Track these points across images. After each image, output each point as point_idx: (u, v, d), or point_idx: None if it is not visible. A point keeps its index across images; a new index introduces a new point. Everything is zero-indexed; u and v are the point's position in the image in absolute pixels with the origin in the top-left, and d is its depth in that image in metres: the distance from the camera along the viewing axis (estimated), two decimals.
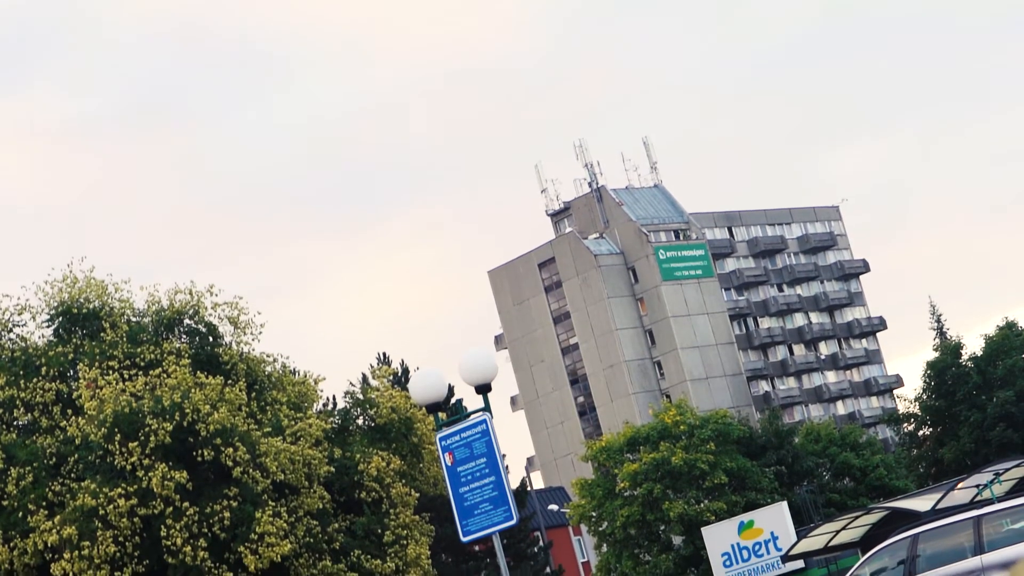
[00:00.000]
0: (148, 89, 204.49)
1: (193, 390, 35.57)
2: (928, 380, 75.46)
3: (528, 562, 65.94)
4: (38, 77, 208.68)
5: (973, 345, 76.91)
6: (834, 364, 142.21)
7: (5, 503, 35.52)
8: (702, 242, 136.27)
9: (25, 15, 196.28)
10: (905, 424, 78.58)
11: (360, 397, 41.73)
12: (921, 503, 45.93)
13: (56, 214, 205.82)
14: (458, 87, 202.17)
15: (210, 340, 39.60)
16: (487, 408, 18.67)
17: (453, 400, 54.97)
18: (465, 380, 18.82)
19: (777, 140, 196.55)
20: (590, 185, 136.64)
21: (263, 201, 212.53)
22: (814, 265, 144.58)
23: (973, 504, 35.70)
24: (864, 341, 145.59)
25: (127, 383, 35.96)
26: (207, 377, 36.46)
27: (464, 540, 18.79)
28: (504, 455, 19.20)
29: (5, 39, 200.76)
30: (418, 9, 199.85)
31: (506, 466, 19.17)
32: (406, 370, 60.87)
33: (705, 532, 62.14)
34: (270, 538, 34.92)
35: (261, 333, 39.94)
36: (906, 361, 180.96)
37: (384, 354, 62.90)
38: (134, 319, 39.43)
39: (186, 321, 39.75)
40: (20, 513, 35.20)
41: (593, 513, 73.07)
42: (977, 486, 41.04)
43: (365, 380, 46.88)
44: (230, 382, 37.59)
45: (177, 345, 39.04)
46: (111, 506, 34.15)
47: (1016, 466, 42.72)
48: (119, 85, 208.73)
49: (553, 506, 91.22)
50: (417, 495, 40.23)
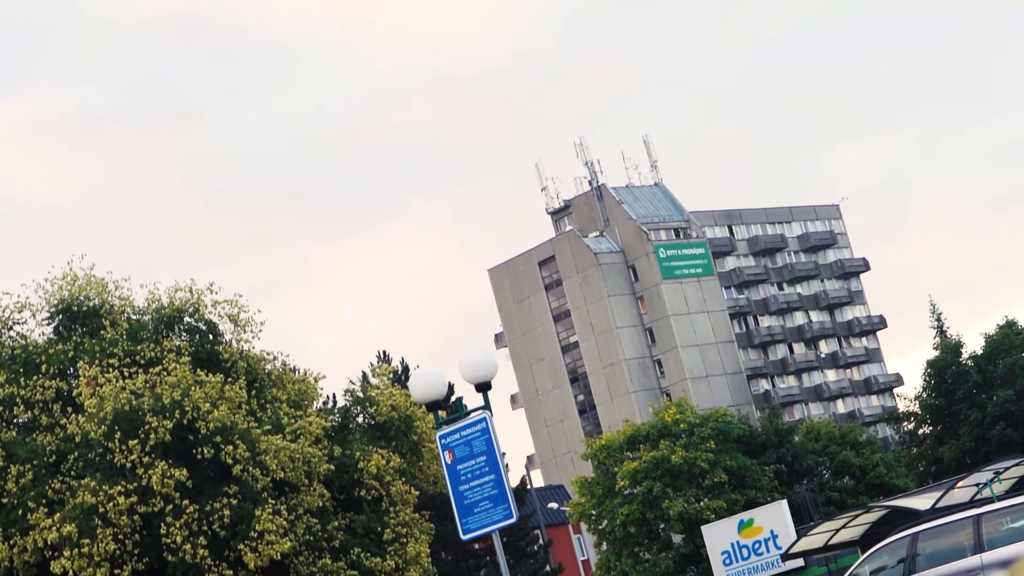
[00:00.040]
0: (148, 87, 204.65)
1: (193, 388, 35.56)
2: (928, 379, 75.41)
3: (528, 560, 65.94)
4: (38, 75, 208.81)
5: (973, 344, 76.96)
6: (834, 363, 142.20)
7: (5, 501, 35.52)
8: (702, 240, 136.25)
9: (25, 13, 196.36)
10: (905, 423, 78.54)
11: (360, 395, 41.71)
12: (921, 502, 45.92)
13: (56, 212, 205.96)
14: (459, 85, 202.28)
15: (210, 338, 39.59)
16: (487, 406, 18.67)
17: (453, 398, 55.06)
18: (465, 378, 18.82)
19: (777, 138, 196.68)
20: (590, 183, 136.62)
21: (263, 199, 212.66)
22: (814, 264, 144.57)
23: (973, 503, 35.69)
24: (864, 340, 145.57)
25: (127, 381, 35.95)
26: (207, 375, 36.46)
27: (464, 538, 18.80)
28: (504, 453, 19.20)
29: (5, 37, 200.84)
30: (419, 7, 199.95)
31: (506, 464, 19.17)
32: (406, 368, 60.88)
33: (705, 530, 62.14)
34: (270, 536, 34.91)
35: (261, 331, 39.95)
36: (906, 360, 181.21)
37: (384, 352, 62.93)
38: (134, 317, 39.41)
39: (186, 319, 39.74)
40: (20, 511, 35.19)
41: (593, 511, 73.06)
42: (977, 485, 41.03)
43: (365, 378, 46.89)
44: (230, 380, 37.58)
45: (177, 343, 39.03)
46: (111, 504, 34.15)
47: (1016, 465, 42.70)
48: (119, 83, 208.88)
49: (553, 504, 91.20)
50: (417, 493, 40.21)
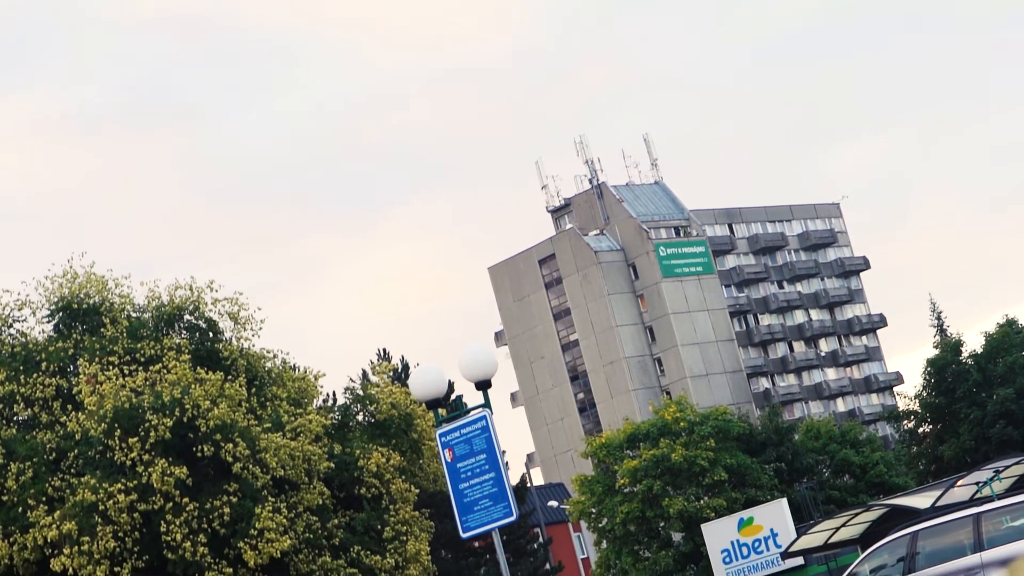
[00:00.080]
0: (148, 84, 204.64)
1: (193, 386, 35.56)
2: (928, 377, 75.42)
3: (528, 558, 65.95)
4: (38, 75, 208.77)
5: (973, 342, 76.99)
6: (834, 361, 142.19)
7: (5, 498, 35.53)
8: (702, 239, 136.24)
9: (25, 13, 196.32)
10: (905, 421, 78.52)
11: (360, 393, 41.71)
12: (921, 500, 45.89)
13: (56, 210, 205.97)
14: (459, 83, 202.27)
15: (210, 336, 39.60)
16: (487, 404, 18.67)
17: (453, 396, 54.97)
18: (465, 376, 18.82)
19: (777, 137, 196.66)
20: (591, 182, 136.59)
21: (264, 198, 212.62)
22: (814, 262, 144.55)
23: (973, 501, 35.65)
24: (864, 338, 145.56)
25: (127, 379, 35.96)
26: (207, 373, 36.46)
27: (464, 536, 18.79)
28: (504, 451, 19.19)
29: (5, 37, 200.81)
30: (419, 7, 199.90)
31: (506, 462, 19.15)
32: (406, 366, 60.86)
33: (705, 529, 62.13)
34: (270, 534, 34.92)
35: (261, 329, 39.97)
36: (906, 358, 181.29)
37: (384, 350, 62.89)
38: (134, 315, 39.42)
39: (186, 317, 39.75)
40: (20, 508, 35.20)
41: (593, 509, 73.07)
42: (977, 483, 41.03)
43: (365, 376, 46.90)
44: (230, 378, 37.58)
45: (177, 341, 39.03)
46: (111, 501, 34.16)
47: (1016, 463, 42.71)
48: (119, 82, 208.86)
49: (553, 502, 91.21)
50: (417, 491, 40.22)
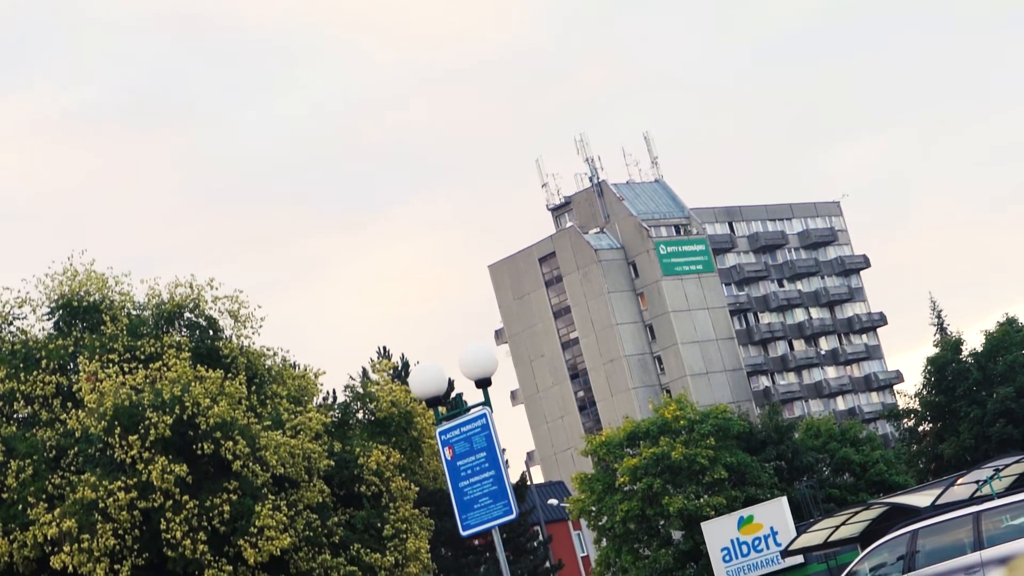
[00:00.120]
0: (148, 82, 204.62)
1: (193, 383, 35.57)
2: (928, 376, 75.45)
3: (528, 556, 65.99)
4: (39, 74, 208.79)
5: (973, 341, 77.02)
6: (834, 360, 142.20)
7: (5, 496, 35.54)
8: (703, 237, 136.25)
9: (25, 12, 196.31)
10: (905, 420, 78.54)
11: (360, 391, 41.72)
12: (921, 499, 45.87)
13: (57, 208, 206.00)
14: (459, 82, 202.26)
15: (210, 334, 39.60)
16: (487, 402, 18.67)
17: (453, 394, 54.94)
18: (465, 374, 18.82)
19: (777, 136, 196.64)
20: (591, 180, 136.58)
21: (264, 196, 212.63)
22: (814, 260, 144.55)
23: (973, 500, 35.64)
24: (864, 337, 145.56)
25: (127, 376, 35.97)
26: (207, 370, 36.47)
27: (464, 534, 18.80)
28: (504, 449, 19.19)
29: (5, 37, 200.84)
30: (419, 5, 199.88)
31: (506, 460, 19.15)
32: (406, 364, 60.88)
33: (705, 527, 62.13)
34: (270, 531, 34.93)
35: (261, 327, 39.97)
36: (906, 357, 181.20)
37: (384, 348, 62.90)
38: (134, 312, 39.43)
39: (186, 314, 39.76)
40: (20, 506, 35.21)
41: (593, 508, 73.08)
42: (977, 482, 41.02)
43: (365, 374, 46.85)
44: (230, 376, 37.59)
45: (177, 338, 39.04)
46: (111, 499, 34.17)
47: (1016, 462, 42.70)
48: (119, 78, 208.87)
49: (553, 501, 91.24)
50: (417, 489, 40.23)
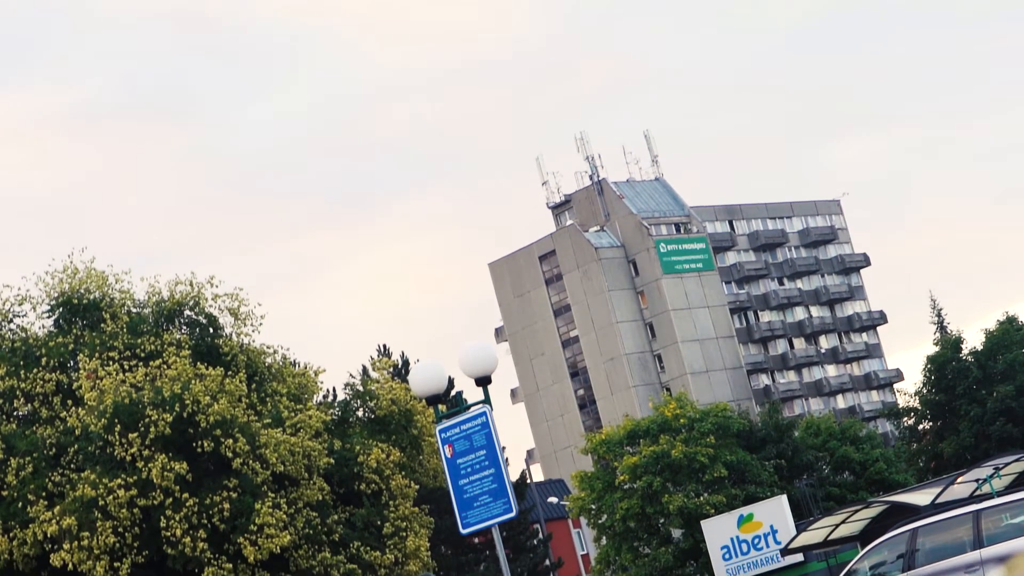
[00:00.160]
0: (149, 79, 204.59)
1: (193, 381, 35.60)
2: (928, 374, 75.39)
3: (527, 554, 66.02)
4: (40, 70, 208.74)
5: (973, 339, 77.00)
6: (834, 358, 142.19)
7: (5, 493, 35.56)
8: (703, 235, 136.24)
9: (27, 8, 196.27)
10: (905, 418, 78.48)
11: (360, 389, 41.76)
12: (921, 497, 45.84)
13: (57, 205, 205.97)
14: (459, 79, 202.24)
15: (210, 331, 39.64)
16: (487, 400, 18.67)
17: (453, 392, 54.95)
18: (465, 372, 18.82)
19: (778, 133, 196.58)
20: (591, 178, 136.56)
21: (264, 193, 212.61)
22: (815, 259, 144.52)
23: (973, 498, 35.63)
24: (864, 335, 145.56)
25: (127, 374, 36.00)
26: (207, 368, 36.50)
27: (463, 532, 18.80)
28: (504, 448, 19.20)
29: (7, 32, 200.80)
30: (419, 2, 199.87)
31: (506, 459, 19.15)
32: (406, 362, 60.94)
33: (704, 525, 62.10)
34: (269, 529, 34.96)
35: (261, 324, 40.02)
36: (906, 355, 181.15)
37: (384, 346, 62.98)
38: (134, 310, 39.47)
39: (186, 312, 39.79)
40: (20, 503, 35.23)
41: (592, 506, 73.03)
42: (977, 480, 40.98)
43: (365, 372, 46.92)
44: (230, 373, 37.61)
45: (177, 336, 39.08)
46: (111, 497, 34.19)
47: (1016, 460, 42.64)
48: (120, 75, 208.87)
49: (553, 499, 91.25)
50: (417, 487, 40.27)
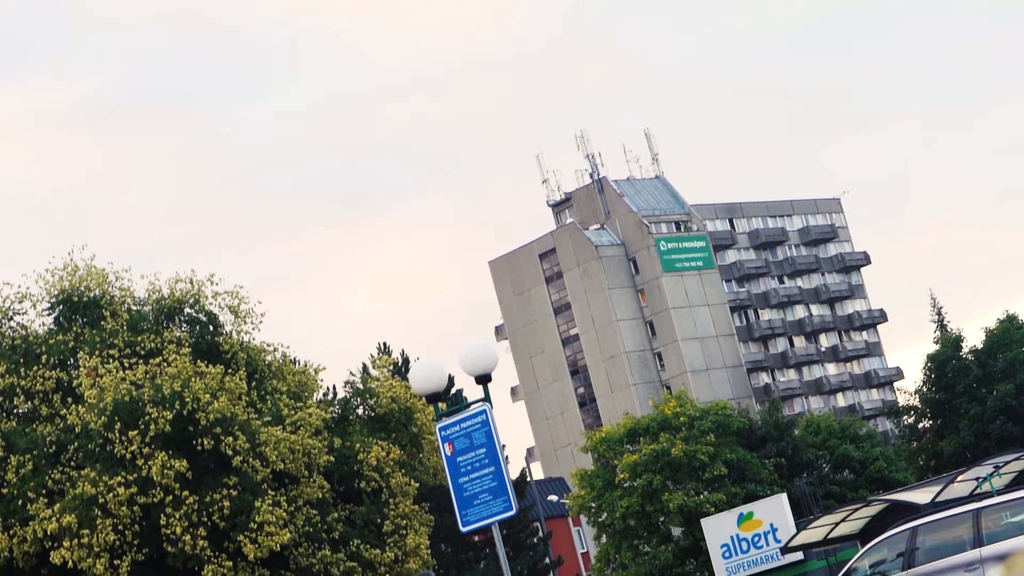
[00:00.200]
0: (149, 77, 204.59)
1: (193, 379, 35.60)
2: (928, 373, 75.35)
3: (527, 553, 66.03)
4: (41, 68, 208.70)
5: (974, 338, 77.04)
6: (834, 356, 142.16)
7: (5, 491, 35.56)
8: (703, 233, 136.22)
9: (29, 6, 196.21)
10: (905, 417, 78.43)
11: (360, 387, 41.77)
12: (921, 496, 45.81)
13: (57, 203, 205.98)
14: (460, 77, 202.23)
15: (210, 329, 39.66)
16: (487, 398, 18.67)
17: (453, 390, 55.01)
18: (465, 370, 18.81)
19: (778, 132, 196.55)
20: (591, 176, 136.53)
21: (264, 191, 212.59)
22: (815, 257, 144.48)
23: (972, 497, 35.63)
24: (864, 333, 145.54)
25: (127, 372, 36.00)
26: (207, 366, 36.51)
27: (463, 530, 18.79)
28: (504, 445, 19.22)
29: (9, 30, 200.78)
30: (420, 0, 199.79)
31: (506, 456, 19.15)
32: (406, 360, 60.91)
33: (704, 523, 62.06)
34: (269, 527, 34.96)
35: (261, 322, 40.07)
36: (906, 353, 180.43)
37: (384, 344, 62.92)
38: (135, 308, 39.48)
39: (186, 310, 39.81)
40: (20, 501, 35.24)
41: (592, 504, 73.01)
42: (977, 479, 40.95)
43: (365, 370, 46.92)
44: (230, 371, 37.63)
45: (177, 334, 39.10)
46: (111, 494, 34.19)
47: (1016, 459, 42.62)
48: (120, 73, 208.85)
49: (553, 497, 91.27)
50: (417, 485, 40.27)
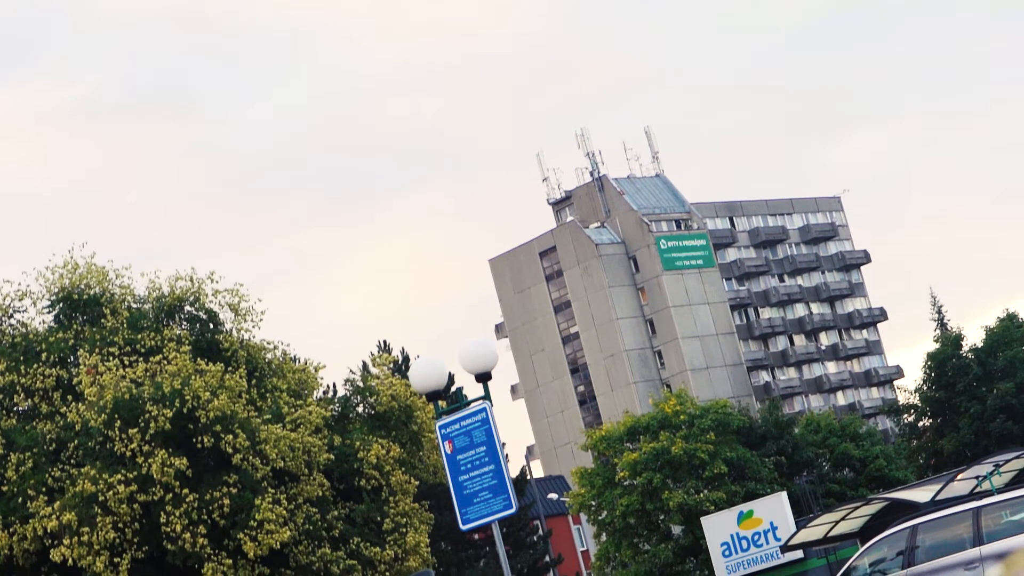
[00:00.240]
0: (149, 76, 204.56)
1: (193, 377, 35.60)
2: (928, 371, 75.37)
3: (527, 551, 66.05)
4: (39, 65, 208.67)
5: (974, 336, 77.12)
6: (834, 355, 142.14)
7: (5, 489, 35.56)
8: (703, 232, 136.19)
9: (29, 5, 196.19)
10: (905, 415, 78.46)
11: (360, 385, 41.75)
12: (920, 494, 45.81)
13: (58, 201, 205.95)
14: (460, 75, 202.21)
15: (210, 327, 39.66)
16: (487, 396, 18.67)
17: (453, 388, 55.08)
18: (465, 368, 18.82)
19: (778, 130, 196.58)
20: (591, 174, 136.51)
21: (264, 188, 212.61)
22: (815, 255, 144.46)
23: (972, 495, 35.64)
24: (865, 332, 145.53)
25: (127, 369, 36.00)
26: (207, 364, 36.51)
27: (463, 528, 18.80)
28: (504, 444, 19.23)
29: (9, 28, 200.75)
30: None
31: (506, 455, 19.17)
32: (406, 358, 60.92)
33: (704, 522, 62.06)
34: (269, 525, 34.96)
35: (261, 320, 40.05)
36: (906, 352, 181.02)
37: (384, 342, 62.95)
38: (135, 305, 39.48)
39: (187, 308, 39.81)
40: (20, 499, 35.24)
41: (592, 502, 73.01)
42: (976, 477, 40.96)
43: (365, 368, 46.90)
44: (230, 369, 37.63)
45: (178, 332, 39.10)
46: (111, 492, 34.19)
47: (1016, 457, 42.62)
48: (120, 71, 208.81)
49: (552, 495, 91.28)
50: (417, 483, 40.26)
